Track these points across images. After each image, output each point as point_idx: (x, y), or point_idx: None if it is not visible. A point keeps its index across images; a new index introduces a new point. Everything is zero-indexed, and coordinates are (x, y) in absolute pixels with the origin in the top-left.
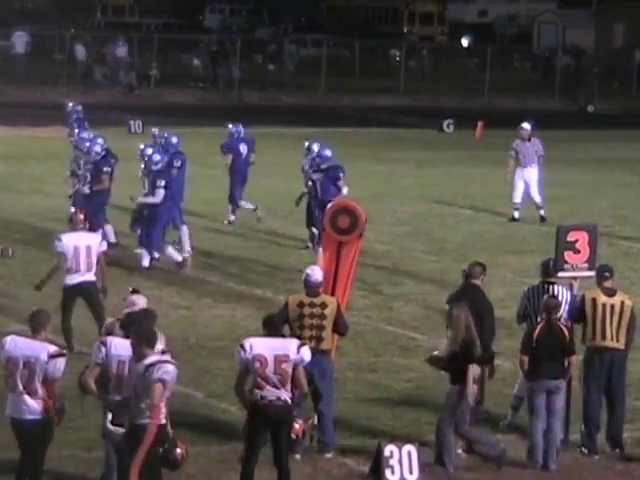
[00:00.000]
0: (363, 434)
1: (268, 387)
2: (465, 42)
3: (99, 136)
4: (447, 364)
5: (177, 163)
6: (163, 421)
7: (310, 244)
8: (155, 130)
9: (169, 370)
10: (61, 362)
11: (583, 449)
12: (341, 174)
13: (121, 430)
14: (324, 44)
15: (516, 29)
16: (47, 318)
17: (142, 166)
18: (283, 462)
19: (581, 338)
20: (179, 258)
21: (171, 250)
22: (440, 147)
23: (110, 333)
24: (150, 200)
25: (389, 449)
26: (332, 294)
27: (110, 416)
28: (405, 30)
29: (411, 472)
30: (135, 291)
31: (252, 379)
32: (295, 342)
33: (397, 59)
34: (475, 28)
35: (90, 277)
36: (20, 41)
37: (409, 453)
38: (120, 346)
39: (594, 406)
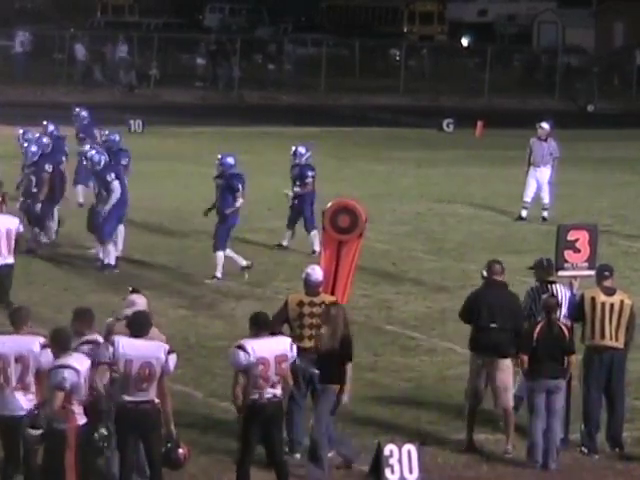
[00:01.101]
0: (363, 433)
1: (267, 387)
2: (465, 42)
3: (43, 135)
4: (322, 362)
5: (124, 161)
6: (81, 422)
7: (316, 247)
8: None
9: (66, 377)
10: (50, 352)
11: (583, 448)
12: (240, 186)
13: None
14: (324, 44)
15: (516, 29)
16: (28, 314)
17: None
18: (281, 458)
19: (580, 337)
20: (112, 261)
21: (111, 248)
22: (440, 147)
23: (110, 332)
24: (113, 200)
25: (389, 448)
26: (332, 293)
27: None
28: (405, 30)
29: (411, 471)
30: (135, 290)
31: (249, 381)
32: (288, 340)
33: (397, 59)
34: (475, 28)
35: (10, 260)
36: (19, 40)
37: (409, 452)
38: (128, 345)
39: (594, 405)
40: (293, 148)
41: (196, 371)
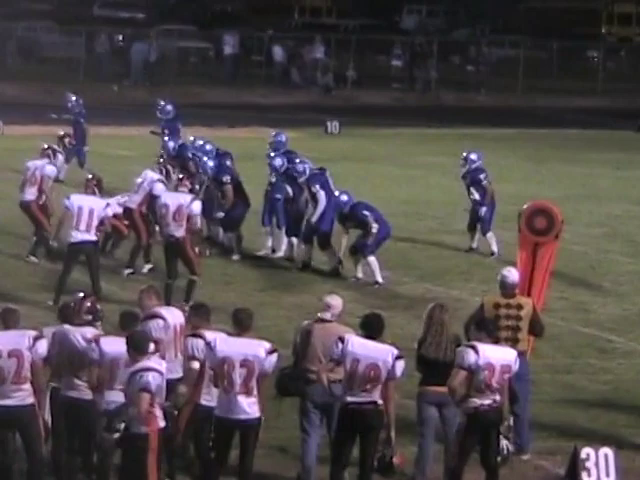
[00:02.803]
0: (559, 436)
1: (488, 393)
2: None
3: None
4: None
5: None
6: (161, 424)
7: (494, 248)
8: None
9: (149, 380)
10: (275, 358)
11: None
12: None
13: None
14: (521, 45)
15: None
16: (250, 319)
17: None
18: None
19: None
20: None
21: None
22: (638, 148)
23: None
24: (321, 209)
25: (586, 452)
26: (528, 295)
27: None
28: (603, 31)
29: (608, 475)
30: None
31: (472, 384)
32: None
33: (595, 60)
34: None
35: (90, 237)
36: (227, 43)
37: (606, 456)
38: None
39: None
40: (464, 154)
41: None
